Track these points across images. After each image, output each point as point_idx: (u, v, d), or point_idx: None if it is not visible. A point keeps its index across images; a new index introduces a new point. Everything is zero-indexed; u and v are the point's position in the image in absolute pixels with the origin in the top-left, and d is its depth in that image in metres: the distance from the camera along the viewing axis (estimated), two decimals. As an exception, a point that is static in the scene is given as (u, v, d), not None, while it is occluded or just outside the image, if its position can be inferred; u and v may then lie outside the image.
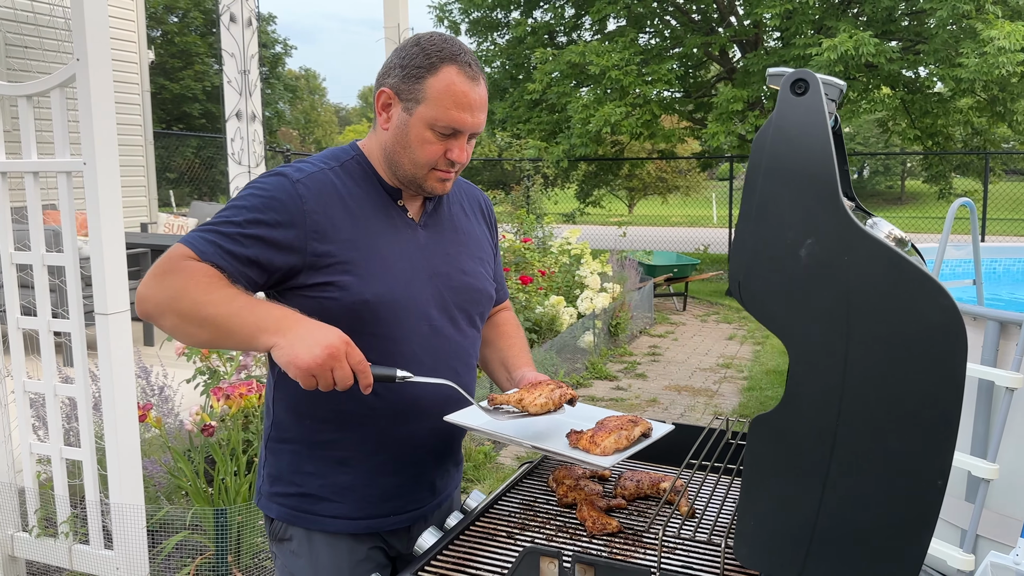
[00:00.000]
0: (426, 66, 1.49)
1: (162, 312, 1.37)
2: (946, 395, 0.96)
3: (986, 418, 3.22)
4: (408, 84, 1.50)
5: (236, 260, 1.42)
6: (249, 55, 4.97)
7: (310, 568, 1.60)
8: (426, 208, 1.64)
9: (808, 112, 0.99)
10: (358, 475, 1.57)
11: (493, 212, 1.87)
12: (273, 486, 1.61)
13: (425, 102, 1.49)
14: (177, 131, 26.03)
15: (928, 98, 13.97)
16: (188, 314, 1.36)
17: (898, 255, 0.95)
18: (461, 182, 1.80)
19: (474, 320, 1.69)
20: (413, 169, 1.53)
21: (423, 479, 1.63)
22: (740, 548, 1.07)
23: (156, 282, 1.39)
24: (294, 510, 1.59)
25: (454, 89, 1.48)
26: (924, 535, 0.99)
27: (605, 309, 7.54)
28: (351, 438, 1.56)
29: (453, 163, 1.54)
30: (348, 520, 1.58)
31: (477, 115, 1.52)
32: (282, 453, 1.60)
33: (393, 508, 1.61)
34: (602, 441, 1.40)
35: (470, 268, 1.68)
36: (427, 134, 1.50)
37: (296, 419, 1.58)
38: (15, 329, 3.01)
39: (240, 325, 1.34)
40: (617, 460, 1.37)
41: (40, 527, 3.09)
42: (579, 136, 13.99)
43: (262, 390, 3.27)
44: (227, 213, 1.46)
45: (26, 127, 2.88)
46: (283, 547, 1.63)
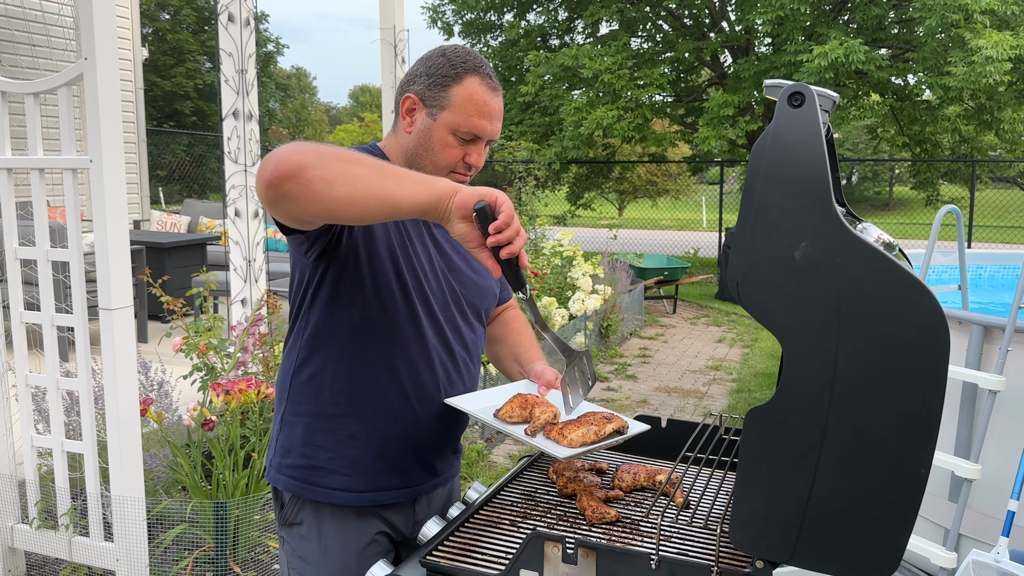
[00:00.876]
0: (452, 75, 1.60)
1: (323, 160, 1.31)
2: (930, 390, 1.02)
3: (970, 420, 3.30)
4: (433, 91, 1.61)
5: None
6: (247, 54, 5.01)
7: (319, 552, 1.67)
8: None
9: (804, 123, 1.05)
10: (365, 449, 1.65)
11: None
12: (284, 458, 1.69)
13: (449, 109, 1.60)
14: (168, 128, 25.96)
15: (917, 106, 14.13)
16: (360, 160, 1.34)
17: (887, 258, 1.02)
18: None
19: (480, 316, 1.80)
20: (433, 171, 1.62)
21: (424, 459, 1.72)
22: (735, 533, 1.14)
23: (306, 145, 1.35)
24: (302, 482, 1.67)
25: (476, 98, 1.60)
26: (907, 521, 1.05)
27: (596, 311, 7.61)
28: (362, 412, 1.65)
29: (470, 167, 1.65)
30: (353, 493, 1.66)
31: (495, 123, 1.64)
32: (296, 426, 1.68)
33: (395, 483, 1.69)
34: (570, 433, 1.50)
35: (478, 266, 1.78)
36: (449, 139, 1.61)
37: (316, 391, 1.66)
38: (19, 323, 3.05)
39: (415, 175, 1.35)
40: (576, 454, 1.47)
41: (40, 519, 3.13)
42: (571, 139, 14.08)
43: (261, 386, 3.32)
44: None
45: (32, 124, 2.92)
46: (292, 531, 1.70)
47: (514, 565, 1.24)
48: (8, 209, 3.02)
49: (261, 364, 4.13)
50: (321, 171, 1.30)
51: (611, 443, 1.55)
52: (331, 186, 1.30)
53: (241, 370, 3.94)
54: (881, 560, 1.07)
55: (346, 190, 1.31)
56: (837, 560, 1.09)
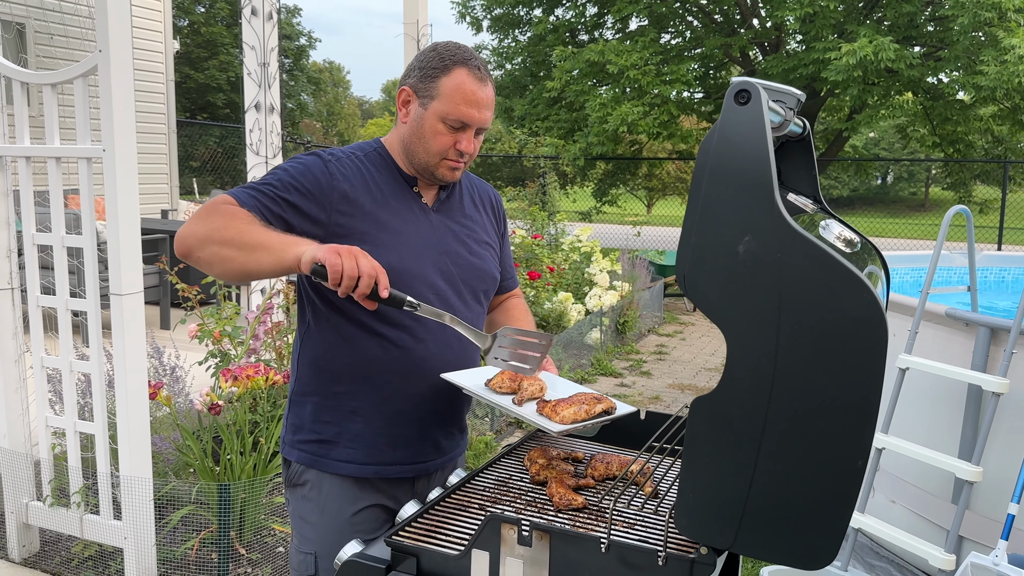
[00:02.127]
0: (440, 67, 1.72)
1: (203, 243, 1.58)
2: (866, 382, 1.05)
3: (974, 422, 3.28)
4: (424, 83, 1.74)
5: (269, 214, 1.65)
6: (269, 48, 5.10)
7: (317, 512, 1.80)
8: (439, 196, 1.87)
9: (749, 120, 1.08)
10: (369, 424, 1.78)
11: (503, 207, 2.09)
12: (295, 435, 1.84)
13: (438, 98, 1.72)
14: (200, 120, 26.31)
15: (950, 105, 13.91)
16: (230, 240, 1.56)
17: (826, 253, 1.04)
18: (475, 179, 2.02)
19: (478, 296, 1.90)
20: (427, 157, 1.76)
21: (427, 435, 1.84)
22: (680, 519, 1.17)
23: (199, 220, 1.61)
24: (312, 455, 1.81)
25: (464, 88, 1.71)
26: (845, 510, 1.08)
27: (613, 307, 7.62)
28: (363, 389, 1.77)
29: (462, 153, 1.76)
30: (358, 465, 1.79)
31: (484, 112, 1.75)
32: (304, 405, 1.83)
33: (399, 458, 1.81)
34: (562, 411, 1.58)
35: (476, 250, 1.89)
36: (439, 126, 1.73)
37: (316, 373, 1.80)
38: (35, 307, 3.15)
39: (277, 242, 1.56)
40: (567, 429, 1.55)
41: (54, 497, 3.23)
42: (596, 135, 14.06)
43: (269, 373, 3.40)
44: (268, 178, 1.71)
45: (50, 114, 3.01)
46: (296, 492, 1.84)
47: (471, 546, 1.28)
48: (27, 196, 3.11)
49: (273, 352, 4.21)
50: (200, 254, 1.59)
51: (600, 422, 1.63)
52: (210, 267, 1.61)
53: (253, 357, 4.02)
54: (820, 547, 1.10)
55: (221, 269, 1.60)
56: (778, 547, 1.12)
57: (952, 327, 3.41)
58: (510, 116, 17.49)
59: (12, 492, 3.27)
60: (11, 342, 3.25)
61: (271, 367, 3.58)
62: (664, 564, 1.18)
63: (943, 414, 3.42)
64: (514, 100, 17.04)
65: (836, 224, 1.38)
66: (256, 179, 1.72)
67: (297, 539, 1.85)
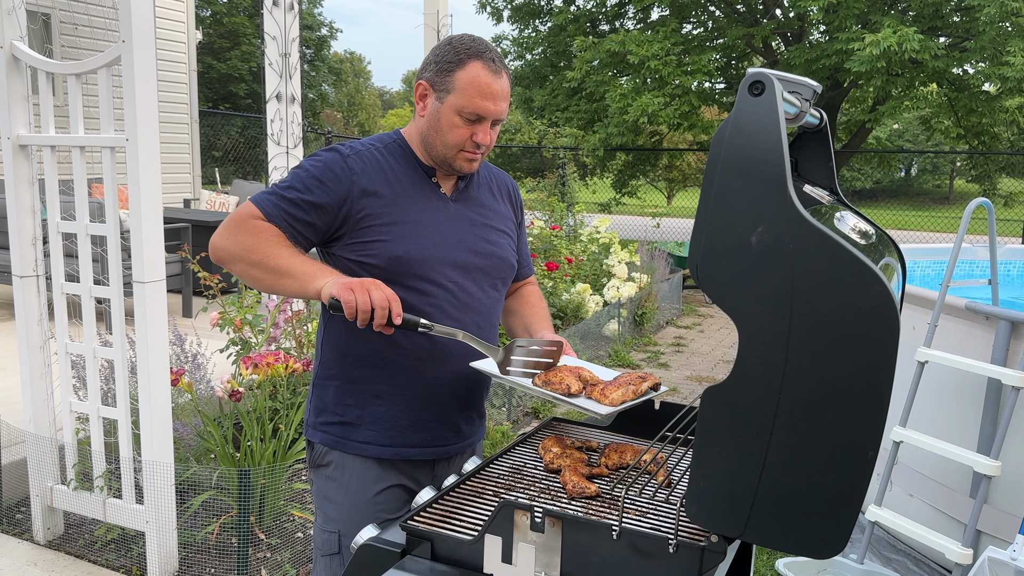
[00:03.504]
0: (456, 61, 1.75)
1: (234, 260, 1.71)
2: (878, 373, 1.05)
3: (993, 416, 3.26)
4: (440, 77, 1.77)
5: (296, 223, 1.73)
6: (290, 38, 5.13)
7: (340, 491, 1.87)
8: (458, 186, 1.91)
9: (763, 111, 1.08)
10: (391, 407, 1.84)
11: (519, 196, 2.13)
12: (319, 417, 1.90)
13: (454, 92, 1.75)
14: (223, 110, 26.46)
15: (975, 96, 13.72)
16: (259, 263, 1.68)
17: (839, 244, 1.05)
18: (492, 169, 2.05)
19: (495, 284, 1.94)
20: (444, 150, 1.80)
21: (448, 419, 1.89)
22: (691, 507, 1.18)
23: (231, 236, 1.72)
24: (335, 436, 1.87)
25: (479, 81, 1.74)
26: (856, 500, 1.08)
27: (631, 298, 7.61)
28: (384, 374, 1.83)
29: (479, 145, 1.79)
30: (380, 446, 1.85)
31: (499, 103, 1.78)
32: (327, 388, 1.89)
33: (420, 440, 1.87)
34: (611, 393, 1.60)
35: (494, 238, 1.93)
36: (456, 119, 1.76)
37: (339, 357, 1.86)
38: (59, 294, 3.20)
39: (301, 272, 1.66)
40: (618, 411, 1.58)
41: (77, 481, 3.29)
42: (616, 126, 14.00)
43: (289, 360, 3.43)
44: (290, 180, 1.77)
45: (74, 104, 3.05)
46: (320, 472, 1.90)
47: (485, 531, 1.29)
48: (52, 184, 3.16)
49: (293, 340, 4.26)
50: (232, 268, 1.72)
51: (646, 399, 1.66)
52: (241, 278, 1.73)
53: (273, 345, 4.06)
54: (830, 537, 1.11)
55: (250, 283, 1.73)
56: (787, 536, 1.13)
57: (972, 320, 3.38)
58: (530, 107, 17.45)
59: (37, 475, 3.34)
60: (36, 328, 3.31)
61: (291, 355, 3.62)
62: (675, 552, 1.19)
63: (962, 408, 3.40)
64: (534, 91, 17.00)
65: (851, 215, 1.38)
66: (280, 180, 1.78)
67: (321, 518, 1.91)
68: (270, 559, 3.30)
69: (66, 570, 3.18)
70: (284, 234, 1.72)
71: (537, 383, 1.71)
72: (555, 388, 1.68)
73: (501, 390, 5.18)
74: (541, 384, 1.71)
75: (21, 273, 3.25)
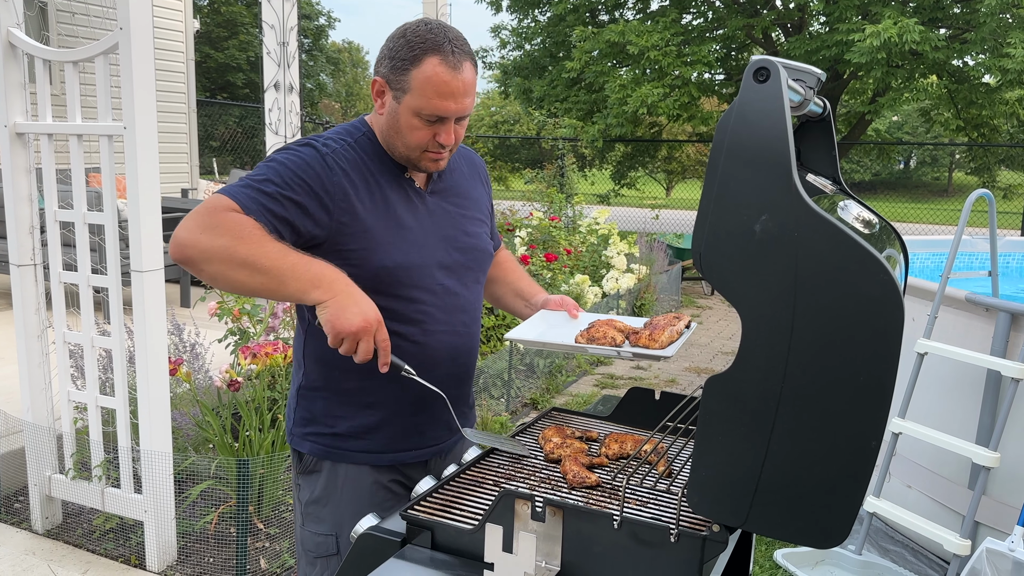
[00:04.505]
0: (410, 58, 1.61)
1: (208, 259, 1.49)
2: (881, 363, 1.04)
3: (992, 408, 3.26)
4: (396, 75, 1.63)
5: (275, 219, 1.55)
6: (288, 27, 5.09)
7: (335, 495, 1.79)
8: (431, 177, 1.82)
9: (768, 98, 1.07)
10: (383, 416, 1.77)
11: (486, 171, 2.06)
12: (306, 427, 1.81)
13: (410, 92, 1.62)
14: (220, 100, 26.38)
15: (975, 88, 13.69)
16: (243, 262, 1.48)
17: (844, 233, 1.04)
18: (460, 148, 1.93)
19: (478, 277, 1.89)
20: (406, 151, 1.69)
21: (440, 419, 1.83)
22: (692, 496, 1.17)
23: (202, 231, 1.49)
24: (326, 447, 1.79)
25: (435, 80, 1.60)
26: (858, 490, 1.08)
27: (630, 290, 7.60)
28: (376, 384, 1.73)
29: (442, 146, 1.68)
30: (374, 454, 1.79)
31: (460, 100, 1.64)
32: (315, 400, 1.79)
33: (414, 444, 1.82)
34: (660, 337, 1.60)
35: (472, 230, 1.86)
36: (415, 121, 1.64)
37: (326, 370, 1.77)
38: (57, 283, 3.19)
39: (295, 278, 1.50)
40: (675, 350, 1.59)
41: (76, 470, 3.28)
42: (615, 116, 13.96)
43: (287, 350, 3.43)
44: (266, 173, 1.59)
45: (71, 92, 3.04)
46: (309, 478, 1.82)
47: (486, 520, 1.29)
48: (49, 172, 3.15)
49: (292, 330, 4.25)
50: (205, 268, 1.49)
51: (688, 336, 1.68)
52: (213, 281, 1.52)
53: (272, 335, 4.06)
54: (832, 527, 1.10)
55: (227, 286, 1.52)
56: (789, 526, 1.12)
57: (972, 312, 3.38)
58: (528, 97, 17.39)
59: (35, 465, 3.33)
60: (34, 318, 3.30)
61: (289, 345, 3.62)
62: (676, 541, 1.18)
63: (961, 399, 3.40)
64: (533, 81, 16.94)
65: (855, 205, 1.38)
66: (253, 172, 1.60)
67: (312, 522, 1.82)
68: (269, 548, 3.30)
69: (64, 559, 3.18)
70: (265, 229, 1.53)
71: (581, 341, 1.68)
72: (602, 342, 1.66)
73: (500, 381, 5.18)
74: (585, 342, 1.67)
75: (19, 262, 3.24)
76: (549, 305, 1.92)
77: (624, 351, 1.62)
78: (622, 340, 1.66)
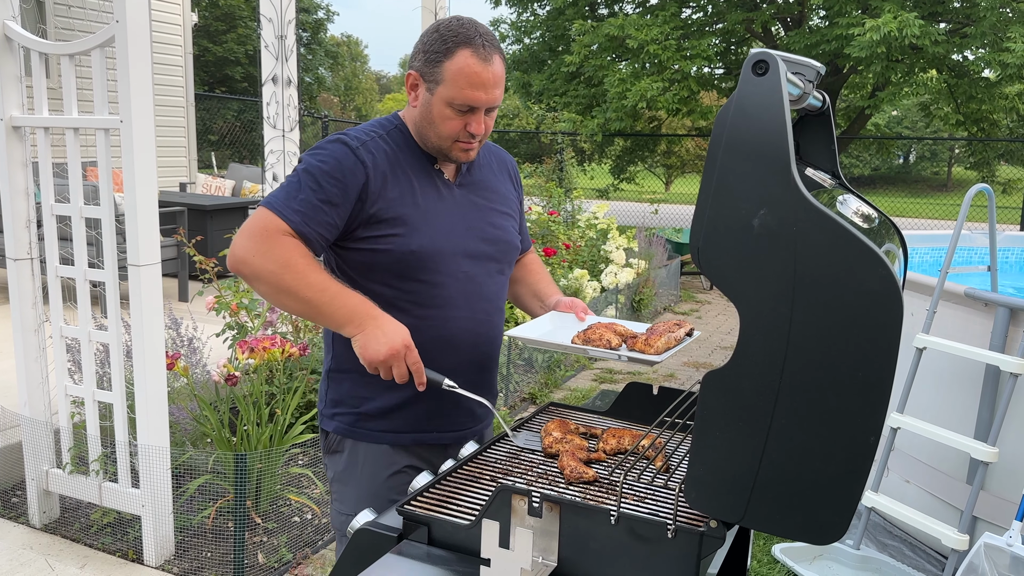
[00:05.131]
0: (443, 51, 1.71)
1: (261, 279, 1.65)
2: (880, 358, 1.04)
3: (991, 403, 3.26)
4: (429, 67, 1.73)
5: (319, 227, 1.69)
6: (286, 20, 5.08)
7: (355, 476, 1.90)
8: (460, 171, 1.89)
9: (767, 92, 1.06)
10: (406, 398, 1.84)
11: (517, 171, 2.13)
12: (335, 408, 1.92)
13: (443, 83, 1.71)
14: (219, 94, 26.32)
15: (975, 83, 13.67)
16: (288, 290, 1.65)
17: (842, 227, 1.03)
18: (490, 146, 2.04)
19: (503, 268, 1.95)
20: (438, 141, 1.78)
21: (462, 404, 1.88)
22: (690, 492, 1.17)
23: (257, 253, 1.65)
24: (350, 426, 1.89)
25: (467, 71, 1.70)
26: (856, 485, 1.07)
27: (629, 284, 7.59)
28: None
29: (473, 135, 1.76)
30: (395, 434, 1.87)
31: (491, 91, 1.74)
32: (342, 382, 1.90)
33: (436, 426, 1.89)
34: (655, 342, 1.61)
35: (499, 222, 1.93)
36: (447, 111, 1.73)
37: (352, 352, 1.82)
38: (54, 277, 3.18)
39: (332, 312, 1.66)
40: (667, 356, 1.60)
41: (73, 464, 3.28)
42: (614, 111, 13.94)
43: (285, 345, 3.42)
44: (304, 179, 1.71)
45: (68, 85, 3.02)
46: (334, 458, 1.94)
47: (482, 515, 1.28)
48: (45, 166, 3.13)
49: (290, 325, 4.24)
50: (256, 285, 1.66)
51: (686, 344, 1.70)
52: (265, 298, 1.71)
53: (270, 329, 4.05)
54: (830, 523, 1.10)
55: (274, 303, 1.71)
56: (787, 521, 1.12)
57: (971, 307, 3.37)
58: (528, 91, 17.36)
59: (33, 459, 3.33)
60: (30, 312, 3.29)
61: (287, 339, 3.61)
62: (673, 537, 1.18)
63: (960, 394, 3.39)
64: (532, 75, 16.90)
65: (854, 199, 1.37)
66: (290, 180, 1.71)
67: (337, 501, 1.94)
68: (266, 543, 3.29)
69: (62, 553, 3.17)
70: (310, 247, 1.68)
71: (577, 342, 1.71)
72: (597, 344, 1.68)
73: (498, 375, 5.17)
74: (581, 343, 1.70)
75: (15, 256, 3.23)
76: (560, 307, 1.97)
77: (619, 354, 1.64)
78: (618, 343, 1.68)
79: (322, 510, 3.58)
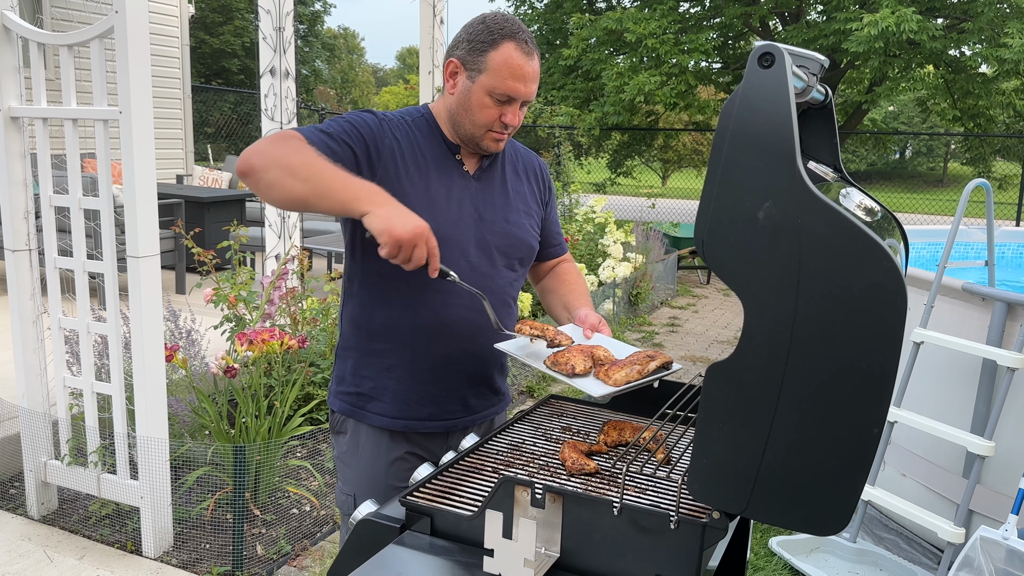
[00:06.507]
0: (489, 41, 1.75)
1: (268, 165, 1.59)
2: (884, 351, 1.04)
3: (988, 397, 3.27)
4: (472, 56, 1.77)
5: (331, 154, 1.68)
6: (284, 12, 5.07)
7: (356, 457, 1.94)
8: (481, 165, 1.91)
9: (772, 84, 1.06)
10: (401, 380, 1.88)
11: (548, 175, 2.14)
12: (339, 386, 1.97)
13: (486, 72, 1.75)
14: (215, 86, 26.23)
15: (972, 78, 13.68)
16: (296, 167, 1.58)
17: (847, 220, 1.03)
18: (519, 147, 2.06)
19: (512, 264, 1.95)
20: (472, 129, 1.81)
21: (455, 394, 1.91)
22: (692, 484, 1.17)
23: (269, 143, 1.63)
24: (351, 405, 1.93)
25: (511, 62, 1.74)
26: (859, 478, 1.08)
27: (626, 279, 7.60)
28: (395, 348, 1.87)
29: (507, 126, 1.80)
30: (390, 418, 1.90)
31: (530, 85, 1.79)
32: (346, 359, 1.94)
33: (428, 414, 1.91)
34: (614, 374, 1.59)
35: (514, 219, 1.94)
36: (486, 100, 1.77)
37: (355, 331, 1.91)
38: (52, 269, 3.18)
39: (342, 188, 1.58)
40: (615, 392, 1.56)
41: (71, 456, 3.28)
42: (612, 105, 13.93)
43: (284, 337, 3.42)
44: (329, 124, 1.77)
45: (67, 76, 3.01)
46: (339, 438, 1.99)
47: (485, 506, 1.29)
48: (44, 157, 3.12)
49: (288, 317, 4.24)
50: (264, 175, 1.59)
51: (657, 378, 1.66)
52: (269, 190, 1.60)
53: (268, 322, 4.05)
54: (832, 515, 1.10)
55: (280, 195, 1.60)
56: (790, 513, 1.12)
57: (968, 302, 3.38)
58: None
59: (31, 451, 3.33)
60: (29, 303, 3.28)
61: (286, 332, 3.61)
62: (676, 528, 1.18)
63: (957, 388, 3.41)
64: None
65: (857, 193, 1.37)
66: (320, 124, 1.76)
67: (340, 480, 1.99)
68: (265, 535, 3.30)
69: (60, 545, 3.18)
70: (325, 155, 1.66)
71: (546, 363, 1.72)
72: (560, 368, 1.68)
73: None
74: (550, 364, 1.70)
75: (13, 247, 3.22)
76: (575, 322, 1.97)
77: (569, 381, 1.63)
78: (584, 369, 1.65)
79: (321, 502, 3.59)
